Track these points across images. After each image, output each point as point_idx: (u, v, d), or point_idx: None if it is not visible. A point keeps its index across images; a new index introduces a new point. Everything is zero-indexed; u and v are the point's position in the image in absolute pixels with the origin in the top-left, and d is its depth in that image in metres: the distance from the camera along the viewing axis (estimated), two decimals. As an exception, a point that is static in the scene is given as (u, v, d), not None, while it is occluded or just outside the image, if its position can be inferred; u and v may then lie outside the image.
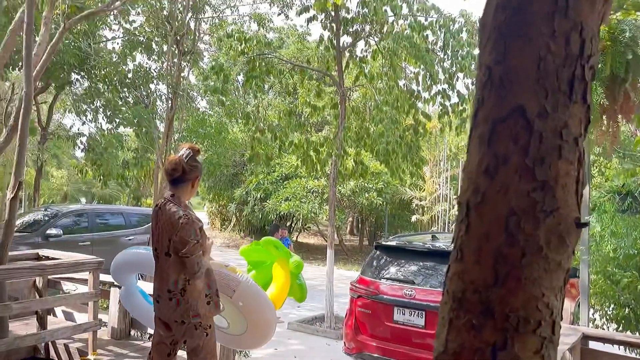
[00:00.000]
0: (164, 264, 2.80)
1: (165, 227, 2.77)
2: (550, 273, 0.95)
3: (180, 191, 2.86)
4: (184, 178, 2.84)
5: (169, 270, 2.78)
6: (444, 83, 7.91)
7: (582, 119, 0.97)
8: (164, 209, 2.80)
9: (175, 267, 2.76)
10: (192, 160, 2.84)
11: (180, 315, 2.78)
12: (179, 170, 2.82)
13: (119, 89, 9.93)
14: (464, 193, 1.03)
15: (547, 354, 0.95)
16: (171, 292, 2.77)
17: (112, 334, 4.79)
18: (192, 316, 2.78)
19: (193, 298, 2.79)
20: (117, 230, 10.20)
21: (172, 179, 2.85)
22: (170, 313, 2.80)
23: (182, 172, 2.82)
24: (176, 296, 2.76)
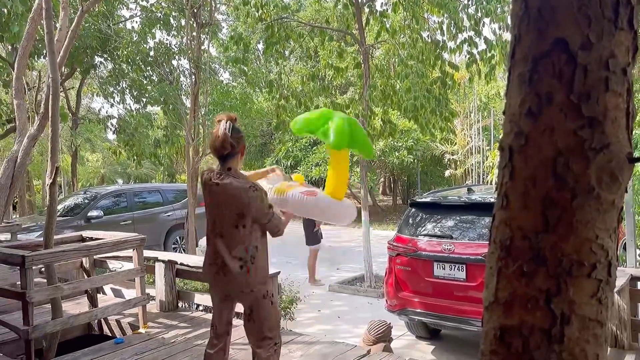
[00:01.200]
0: (233, 237, 2.77)
1: (232, 202, 2.75)
2: (603, 213, 0.91)
3: (234, 163, 2.82)
4: (234, 151, 2.79)
5: (239, 241, 2.77)
6: (470, 30, 7.64)
7: (629, 47, 0.90)
8: (224, 184, 2.77)
9: (246, 237, 2.76)
10: (236, 132, 2.79)
11: (249, 284, 2.78)
12: (228, 147, 2.76)
13: (143, 68, 9.97)
14: (506, 137, 0.99)
15: (604, 297, 0.92)
16: (242, 260, 2.76)
17: (161, 307, 4.95)
18: (261, 283, 2.80)
19: (262, 267, 2.82)
20: (156, 207, 10.44)
21: (222, 155, 2.80)
22: (239, 282, 2.79)
23: (231, 147, 2.77)
24: (247, 264, 2.76)
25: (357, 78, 9.20)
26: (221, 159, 2.82)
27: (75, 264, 4.93)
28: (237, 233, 2.75)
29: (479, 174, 15.02)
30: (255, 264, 2.77)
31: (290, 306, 5.26)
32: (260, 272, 2.80)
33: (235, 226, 2.75)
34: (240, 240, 2.76)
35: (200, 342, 4.14)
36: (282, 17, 8.42)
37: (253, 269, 2.76)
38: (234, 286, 2.82)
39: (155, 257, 4.99)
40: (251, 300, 2.82)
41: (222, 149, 2.76)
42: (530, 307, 0.94)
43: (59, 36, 4.91)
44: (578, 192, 0.90)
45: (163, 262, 4.91)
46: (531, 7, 0.92)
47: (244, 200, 2.71)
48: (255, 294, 2.80)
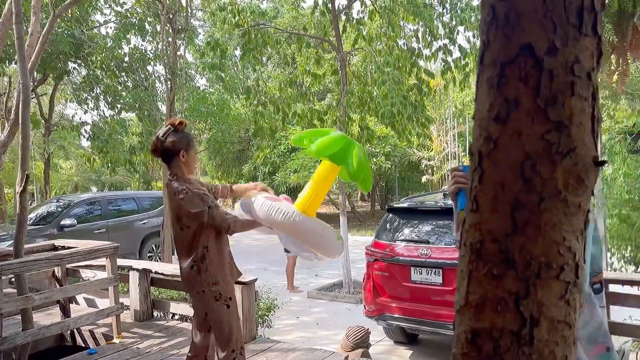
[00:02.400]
0: (183, 238, 2.83)
1: (171, 205, 2.88)
2: (570, 216, 0.92)
3: (174, 167, 2.88)
4: (167, 155, 2.85)
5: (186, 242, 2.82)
6: (445, 38, 7.75)
7: (593, 52, 0.92)
8: (167, 188, 2.90)
9: (193, 238, 2.79)
10: (171, 136, 2.83)
11: (200, 284, 2.80)
12: (157, 150, 2.88)
13: (117, 74, 9.84)
14: (475, 141, 0.99)
15: (572, 298, 0.93)
16: (192, 260, 2.80)
17: (135, 317, 4.87)
18: (212, 284, 2.79)
19: (215, 268, 2.82)
20: (131, 215, 10.30)
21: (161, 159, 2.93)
22: (191, 282, 2.84)
23: (161, 151, 2.86)
24: (197, 264, 2.79)
25: (335, 85, 9.24)
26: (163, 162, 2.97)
27: (47, 273, 4.82)
28: (183, 234, 2.82)
29: (455, 179, 15.18)
30: (206, 264, 2.79)
31: (268, 313, 5.22)
32: (213, 272, 2.80)
33: (180, 228, 2.83)
34: (187, 241, 2.81)
35: (176, 351, 4.08)
36: (259, 23, 8.41)
37: (204, 268, 2.78)
38: (188, 287, 2.91)
39: (130, 265, 4.90)
40: (203, 301, 2.84)
41: (154, 152, 2.91)
42: (500, 310, 0.94)
43: (30, 41, 4.82)
44: (545, 195, 0.91)
45: (137, 271, 4.83)
46: (498, 12, 0.93)
47: (176, 203, 2.79)
48: (207, 295, 2.80)
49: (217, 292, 2.81)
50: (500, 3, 0.92)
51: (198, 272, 2.79)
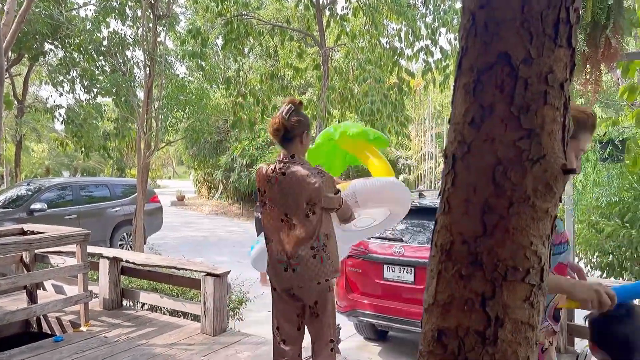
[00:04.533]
0: (304, 226, 2.65)
1: (298, 190, 2.63)
2: (537, 221, 0.95)
3: (294, 149, 2.72)
4: (289, 136, 2.68)
5: (311, 229, 2.64)
6: (427, 39, 7.81)
7: (567, 63, 0.95)
8: (290, 172, 2.66)
9: (317, 225, 2.65)
10: (294, 115, 2.68)
11: (323, 274, 2.66)
12: (281, 130, 2.68)
13: (95, 58, 9.65)
14: (450, 145, 1.02)
15: (535, 301, 0.96)
16: (314, 249, 2.64)
17: (104, 305, 4.81)
18: (333, 272, 2.68)
19: (334, 255, 2.72)
20: (103, 202, 10.13)
21: (280, 139, 2.71)
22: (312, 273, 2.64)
23: (285, 130, 2.67)
24: (320, 252, 2.64)
25: (316, 79, 9.22)
26: (282, 146, 2.74)
27: (14, 258, 4.72)
28: (309, 222, 2.64)
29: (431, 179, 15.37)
30: (327, 252, 2.67)
31: (239, 306, 5.21)
32: (333, 260, 2.70)
33: (306, 215, 2.64)
34: (311, 228, 2.64)
35: (144, 341, 4.05)
36: (242, 13, 8.35)
37: (326, 257, 2.66)
38: (305, 279, 2.66)
39: (100, 253, 4.84)
40: (318, 292, 2.68)
41: (276, 131, 2.69)
42: (466, 310, 0.97)
43: (6, 20, 4.69)
44: (515, 200, 0.94)
45: (108, 259, 4.77)
46: (478, 20, 0.95)
47: (313, 186, 2.60)
48: (324, 285, 2.67)
49: (334, 282, 2.72)
50: (481, 11, 0.94)
51: (320, 260, 2.64)
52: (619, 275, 5.50)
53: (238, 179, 18.87)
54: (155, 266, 4.70)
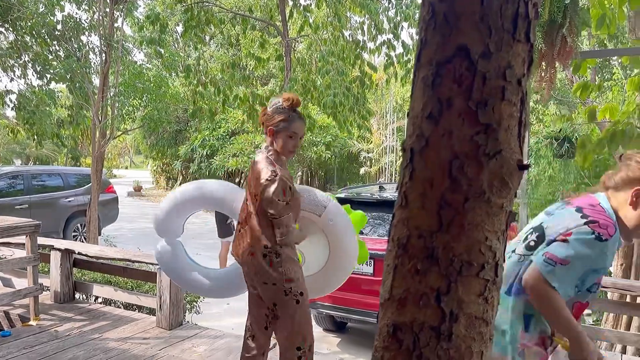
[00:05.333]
0: (257, 221, 2.51)
1: (253, 181, 2.53)
2: (492, 216, 0.95)
3: (268, 141, 2.59)
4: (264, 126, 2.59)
5: (263, 227, 2.49)
6: (389, 33, 7.84)
7: (525, 59, 0.95)
8: (255, 161, 2.58)
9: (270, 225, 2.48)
10: (276, 110, 2.55)
11: (270, 277, 2.49)
12: (260, 118, 2.63)
13: (48, 42, 9.24)
14: (408, 138, 1.00)
15: (490, 296, 0.96)
16: (267, 249, 2.48)
17: (55, 298, 4.64)
18: (285, 280, 2.49)
19: (290, 263, 2.51)
20: (56, 191, 9.79)
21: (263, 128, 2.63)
22: (259, 273, 2.51)
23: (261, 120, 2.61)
24: (270, 256, 2.48)
25: (279, 70, 9.15)
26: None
27: (-43, 250, 4.50)
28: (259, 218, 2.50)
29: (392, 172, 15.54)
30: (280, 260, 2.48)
31: (197, 299, 5.13)
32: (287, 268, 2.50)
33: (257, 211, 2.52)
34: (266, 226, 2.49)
35: (97, 335, 3.93)
36: (203, 0, 8.16)
37: (277, 262, 2.49)
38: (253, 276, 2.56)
39: (51, 245, 4.66)
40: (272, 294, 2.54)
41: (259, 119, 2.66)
42: (422, 305, 0.96)
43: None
44: (470, 195, 0.93)
45: (59, 251, 4.60)
46: (437, 12, 0.94)
47: (261, 183, 2.45)
48: (277, 288, 2.51)
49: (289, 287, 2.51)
50: (440, 4, 0.93)
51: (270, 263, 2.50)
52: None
53: (198, 170, 18.58)
54: (109, 258, 4.56)
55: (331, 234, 3.02)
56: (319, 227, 3.01)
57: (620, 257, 4.83)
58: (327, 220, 2.97)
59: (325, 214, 2.94)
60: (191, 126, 20.04)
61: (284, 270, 2.49)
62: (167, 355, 3.61)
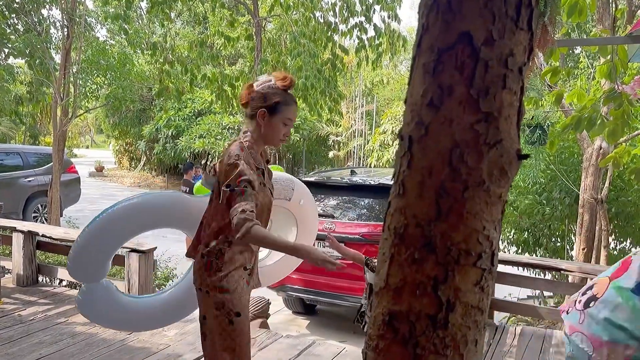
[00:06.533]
0: (212, 208, 2.13)
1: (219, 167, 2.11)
2: (490, 206, 0.94)
3: (251, 128, 2.14)
4: (251, 110, 2.12)
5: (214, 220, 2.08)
6: (361, 15, 7.79)
7: (526, 47, 0.94)
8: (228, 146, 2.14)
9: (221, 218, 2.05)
10: (267, 88, 2.10)
11: (204, 281, 2.04)
12: (243, 98, 2.15)
13: (6, 15, 8.81)
14: (406, 126, 0.99)
15: (486, 285, 0.96)
16: (207, 248, 2.06)
17: (18, 281, 4.50)
18: (220, 290, 2.01)
19: (227, 267, 2.04)
20: (14, 171, 9.43)
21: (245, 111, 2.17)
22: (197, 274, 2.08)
23: (246, 102, 2.14)
24: (210, 257, 2.05)
25: (248, 50, 8.99)
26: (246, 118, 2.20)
27: None
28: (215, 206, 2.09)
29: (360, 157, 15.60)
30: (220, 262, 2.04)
31: (165, 283, 5.06)
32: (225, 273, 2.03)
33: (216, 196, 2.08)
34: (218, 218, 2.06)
35: (63, 319, 3.83)
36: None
37: (215, 265, 2.03)
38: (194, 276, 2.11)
39: (13, 227, 4.50)
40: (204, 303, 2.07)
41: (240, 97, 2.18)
42: (418, 294, 0.96)
43: None
44: (470, 184, 0.93)
45: (22, 233, 4.45)
46: (441, -3, 0.92)
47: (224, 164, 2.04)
48: (210, 297, 2.03)
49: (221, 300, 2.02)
50: (444, -12, 0.91)
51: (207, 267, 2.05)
52: (532, 251, 5.88)
53: (163, 151, 18.23)
54: (74, 241, 4.43)
55: (300, 215, 2.97)
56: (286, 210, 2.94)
57: (583, 241, 5.01)
58: (297, 202, 2.89)
59: (294, 197, 2.86)
60: (156, 105, 19.58)
61: (222, 276, 2.02)
62: (137, 339, 3.56)
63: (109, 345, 3.44)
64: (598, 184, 5.23)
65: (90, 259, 2.60)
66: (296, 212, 2.99)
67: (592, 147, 5.21)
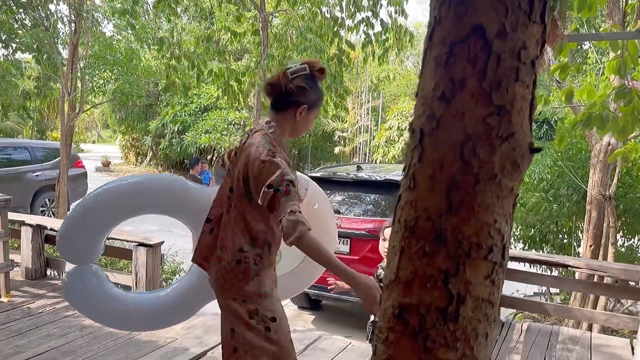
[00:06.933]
0: (240, 212, 1.88)
1: (244, 162, 1.87)
2: (502, 199, 0.94)
3: (281, 119, 1.94)
4: (284, 101, 1.92)
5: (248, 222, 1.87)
6: (368, 10, 7.76)
7: (539, 40, 0.94)
8: (251, 137, 1.93)
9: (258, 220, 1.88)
10: (303, 79, 1.90)
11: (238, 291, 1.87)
12: (276, 87, 1.92)
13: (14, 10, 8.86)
14: (417, 119, 0.99)
15: (497, 278, 0.96)
16: (243, 253, 1.87)
17: (27, 275, 4.53)
18: (262, 296, 1.87)
19: (267, 276, 1.91)
20: (22, 165, 9.49)
21: (272, 100, 1.96)
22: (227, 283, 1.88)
23: (279, 91, 1.91)
24: (248, 262, 1.87)
25: (256, 45, 8.98)
26: (271, 106, 1.98)
27: None
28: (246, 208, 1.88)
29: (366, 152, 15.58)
30: (258, 268, 1.88)
31: (172, 277, 5.08)
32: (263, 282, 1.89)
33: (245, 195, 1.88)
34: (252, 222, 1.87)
35: (71, 312, 3.86)
36: (177, -29, 7.91)
37: (253, 271, 1.87)
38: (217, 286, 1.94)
39: (22, 220, 4.53)
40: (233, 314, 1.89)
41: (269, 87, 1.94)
42: (429, 287, 0.96)
43: None
44: (481, 178, 0.92)
45: (30, 227, 4.48)
46: (453, -10, 0.91)
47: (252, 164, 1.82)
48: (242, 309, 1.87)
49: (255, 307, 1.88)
50: (457, -20, 0.91)
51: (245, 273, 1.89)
52: (539, 248, 5.85)
53: (169, 146, 18.28)
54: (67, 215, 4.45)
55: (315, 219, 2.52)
56: None
57: (590, 238, 4.99)
58: (310, 204, 2.63)
59: (307, 198, 2.60)
60: (162, 101, 19.63)
61: (261, 281, 1.89)
62: (144, 333, 3.57)
63: (117, 338, 3.47)
64: (606, 180, 5.20)
65: (82, 236, 2.38)
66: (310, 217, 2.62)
67: (600, 143, 5.18)
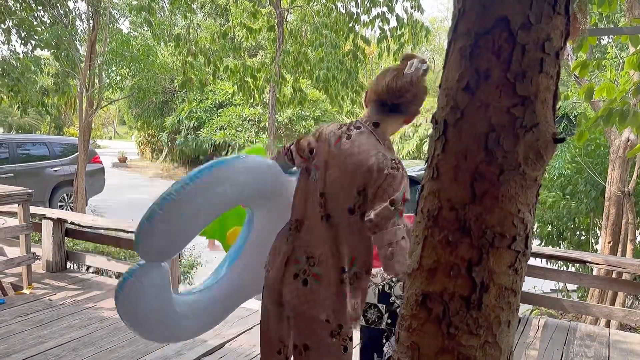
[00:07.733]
0: (340, 226, 1.69)
1: (353, 170, 1.65)
2: (526, 189, 0.96)
3: (390, 122, 1.73)
4: (401, 102, 1.68)
5: (348, 238, 1.69)
6: (383, 6, 7.74)
7: (563, 32, 0.95)
8: (359, 138, 1.69)
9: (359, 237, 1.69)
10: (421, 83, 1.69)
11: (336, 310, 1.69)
12: (410, 92, 1.66)
13: (33, 7, 8.98)
14: (441, 110, 1.00)
15: (520, 267, 0.98)
16: (345, 273, 1.69)
17: (48, 267, 4.62)
18: (349, 318, 1.69)
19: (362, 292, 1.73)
20: (41, 161, 9.63)
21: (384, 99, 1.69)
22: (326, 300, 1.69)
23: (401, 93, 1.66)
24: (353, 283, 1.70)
25: (271, 41, 9.01)
26: (376, 108, 1.72)
27: (-54, 217, 4.43)
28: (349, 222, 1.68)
29: (380, 148, 15.54)
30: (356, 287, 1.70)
31: (190, 270, 5.15)
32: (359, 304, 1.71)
33: (349, 210, 1.67)
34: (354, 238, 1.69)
35: (92, 304, 3.93)
36: (194, -32, 7.96)
37: (353, 290, 1.69)
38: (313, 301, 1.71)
39: (43, 214, 4.61)
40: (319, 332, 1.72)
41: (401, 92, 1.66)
42: (452, 275, 0.97)
43: None
44: (505, 168, 0.94)
45: (51, 220, 4.55)
46: (478, -19, 0.93)
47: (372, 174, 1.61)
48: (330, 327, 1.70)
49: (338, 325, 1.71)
50: (482, -28, 0.92)
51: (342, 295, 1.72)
52: (556, 244, 5.81)
53: (185, 142, 18.40)
54: (103, 228, 4.53)
55: None
56: None
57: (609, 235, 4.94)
58: None
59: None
60: (178, 97, 19.76)
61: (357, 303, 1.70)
62: (163, 325, 3.62)
63: (137, 329, 3.52)
64: (625, 176, 5.15)
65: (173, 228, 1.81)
66: None
67: (619, 139, 5.12)
